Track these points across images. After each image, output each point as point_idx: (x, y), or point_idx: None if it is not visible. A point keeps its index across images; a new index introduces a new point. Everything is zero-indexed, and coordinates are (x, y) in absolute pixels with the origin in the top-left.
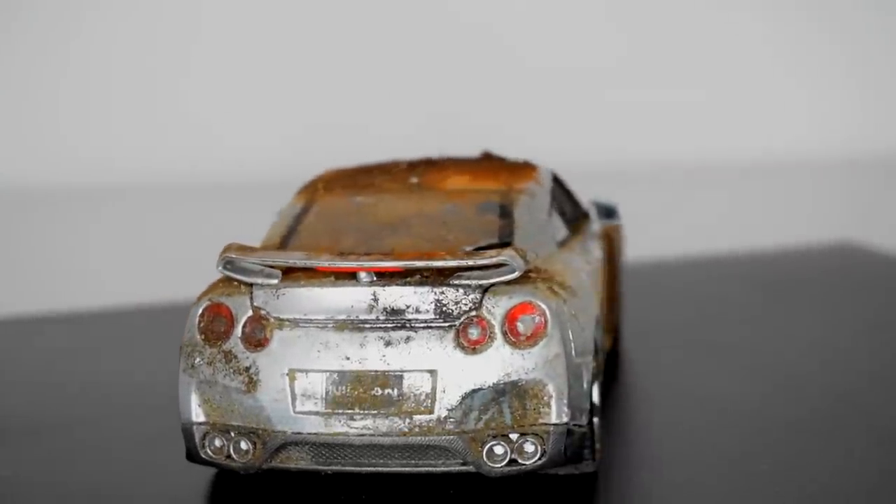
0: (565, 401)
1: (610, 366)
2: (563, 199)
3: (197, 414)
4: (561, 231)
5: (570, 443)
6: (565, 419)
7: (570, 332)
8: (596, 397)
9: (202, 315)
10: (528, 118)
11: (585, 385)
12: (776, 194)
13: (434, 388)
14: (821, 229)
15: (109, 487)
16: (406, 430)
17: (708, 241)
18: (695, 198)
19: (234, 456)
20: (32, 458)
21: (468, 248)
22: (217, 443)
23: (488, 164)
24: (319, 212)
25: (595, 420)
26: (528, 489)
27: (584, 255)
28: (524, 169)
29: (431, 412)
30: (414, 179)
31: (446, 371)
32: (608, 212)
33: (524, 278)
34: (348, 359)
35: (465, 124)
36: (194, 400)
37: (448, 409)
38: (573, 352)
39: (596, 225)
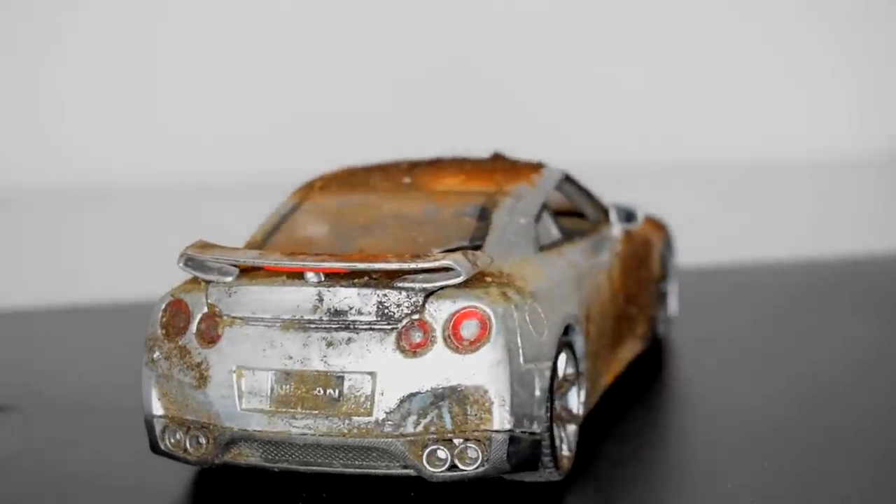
0: (507, 407)
1: (643, 370)
2: (582, 201)
3: (157, 407)
4: (552, 233)
5: (516, 450)
6: (508, 426)
7: (518, 338)
8: (575, 405)
9: (164, 310)
10: (558, 121)
11: (538, 392)
12: (838, 197)
13: (373, 391)
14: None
15: (95, 474)
16: (345, 431)
17: (759, 245)
18: (744, 200)
19: (189, 450)
20: (30, 442)
21: (436, 251)
22: (175, 436)
23: (491, 165)
24: (306, 211)
25: (570, 427)
26: (503, 493)
27: (582, 258)
28: (524, 171)
29: (370, 414)
30: (406, 180)
31: (385, 373)
32: (628, 215)
33: (475, 282)
34: (291, 358)
35: (491, 125)
36: (154, 393)
37: (386, 412)
38: (521, 358)
39: (616, 228)
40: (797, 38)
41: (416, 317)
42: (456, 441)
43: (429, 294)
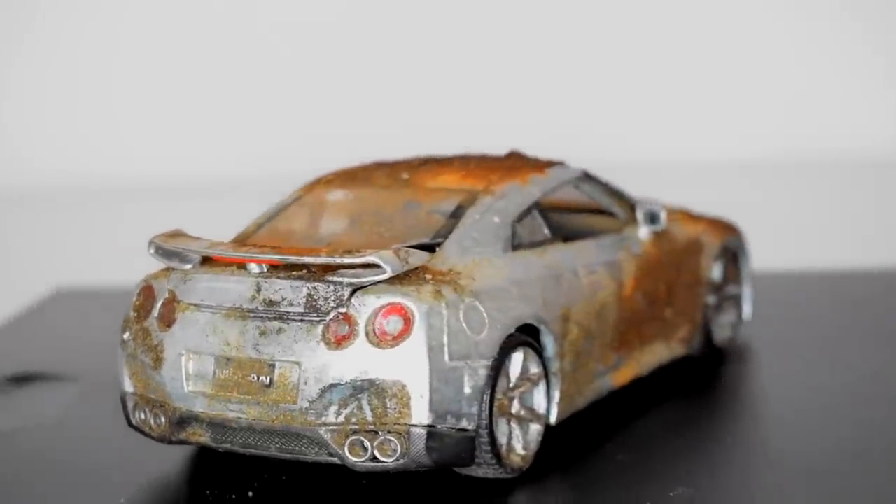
0: (426, 403)
1: (688, 376)
2: (607, 200)
3: (128, 385)
4: (543, 232)
5: (438, 445)
6: (426, 421)
7: (444, 336)
8: (541, 405)
9: (138, 294)
10: (619, 121)
11: (468, 389)
12: None
13: (298, 380)
14: None
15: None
16: (274, 417)
17: (836, 250)
18: (818, 201)
19: (152, 426)
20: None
21: (396, 247)
22: (142, 413)
23: (497, 162)
24: (302, 204)
25: (533, 426)
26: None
27: (570, 258)
28: (526, 169)
29: (295, 402)
30: (405, 176)
31: (309, 364)
32: (652, 216)
33: (411, 279)
34: (229, 345)
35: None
36: (126, 372)
37: (309, 401)
38: (446, 355)
39: (642, 229)
40: (850, 32)
41: (342, 310)
42: (379, 433)
43: (357, 289)
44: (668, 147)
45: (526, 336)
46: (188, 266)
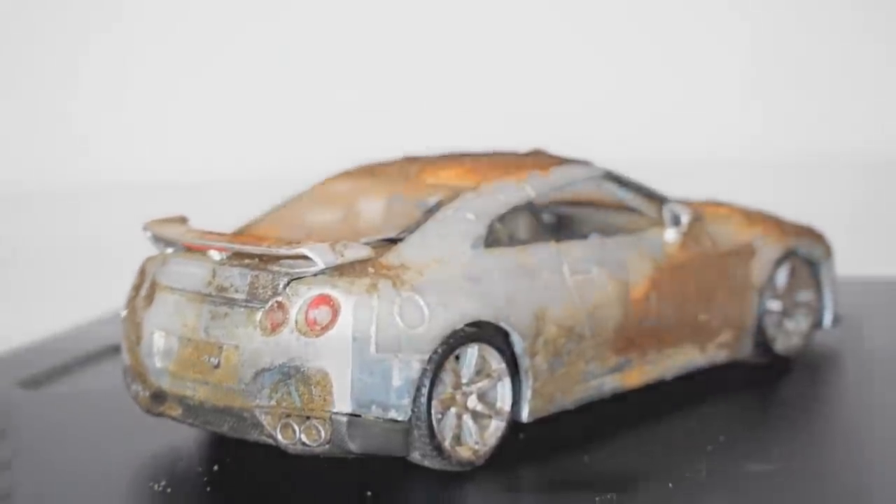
0: (348, 392)
1: (726, 382)
2: (633, 201)
3: (126, 358)
4: (534, 231)
5: (363, 434)
6: (348, 409)
7: (372, 328)
8: (504, 400)
9: (138, 275)
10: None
11: (398, 381)
12: None
13: (237, 363)
14: None
15: None
16: (218, 397)
17: None
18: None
19: (140, 398)
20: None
21: (364, 241)
22: (135, 385)
23: (506, 160)
24: (307, 196)
25: (492, 422)
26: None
27: (556, 259)
28: (528, 168)
29: (235, 384)
30: (412, 171)
31: (246, 348)
32: (675, 219)
33: (352, 271)
34: (186, 326)
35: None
36: (124, 346)
37: (245, 384)
38: (373, 347)
39: (669, 231)
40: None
41: (278, 299)
42: (309, 418)
43: (294, 279)
44: (731, 146)
45: (484, 332)
46: (170, 250)
